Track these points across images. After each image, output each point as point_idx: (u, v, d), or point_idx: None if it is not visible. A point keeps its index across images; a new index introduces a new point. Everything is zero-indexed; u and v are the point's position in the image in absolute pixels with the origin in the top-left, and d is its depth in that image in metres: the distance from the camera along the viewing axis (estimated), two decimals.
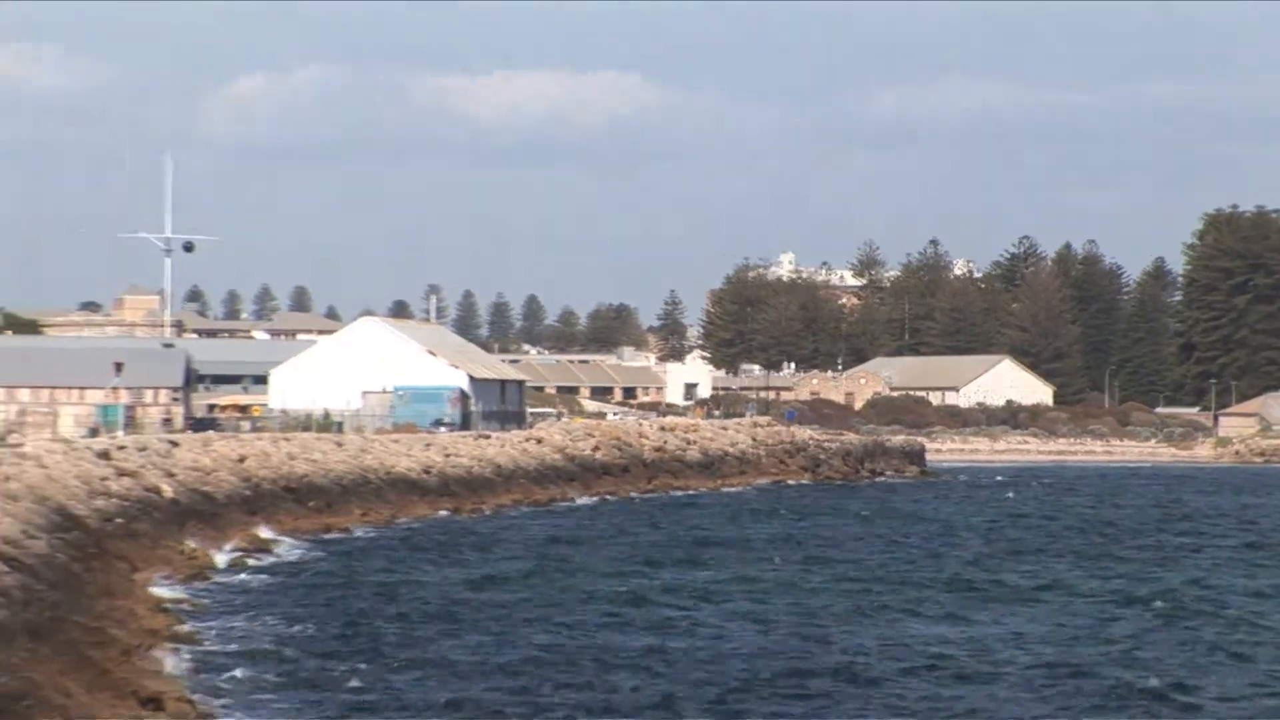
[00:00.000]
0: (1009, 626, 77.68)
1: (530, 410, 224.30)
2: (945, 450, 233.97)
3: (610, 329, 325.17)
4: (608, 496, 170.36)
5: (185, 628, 70.01)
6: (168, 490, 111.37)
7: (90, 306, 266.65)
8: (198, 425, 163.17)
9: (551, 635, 74.18)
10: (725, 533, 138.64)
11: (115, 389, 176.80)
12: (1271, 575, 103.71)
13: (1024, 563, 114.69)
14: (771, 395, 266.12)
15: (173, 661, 59.84)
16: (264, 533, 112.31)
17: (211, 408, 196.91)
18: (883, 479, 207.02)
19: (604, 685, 60.64)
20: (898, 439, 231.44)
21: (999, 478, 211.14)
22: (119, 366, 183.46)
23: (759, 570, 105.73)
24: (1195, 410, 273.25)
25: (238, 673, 58.98)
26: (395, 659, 65.11)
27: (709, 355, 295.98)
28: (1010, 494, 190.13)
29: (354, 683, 58.77)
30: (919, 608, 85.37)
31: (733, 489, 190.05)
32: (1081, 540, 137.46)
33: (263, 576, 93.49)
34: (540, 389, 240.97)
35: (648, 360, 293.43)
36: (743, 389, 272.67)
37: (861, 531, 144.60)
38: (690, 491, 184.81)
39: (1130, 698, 58.02)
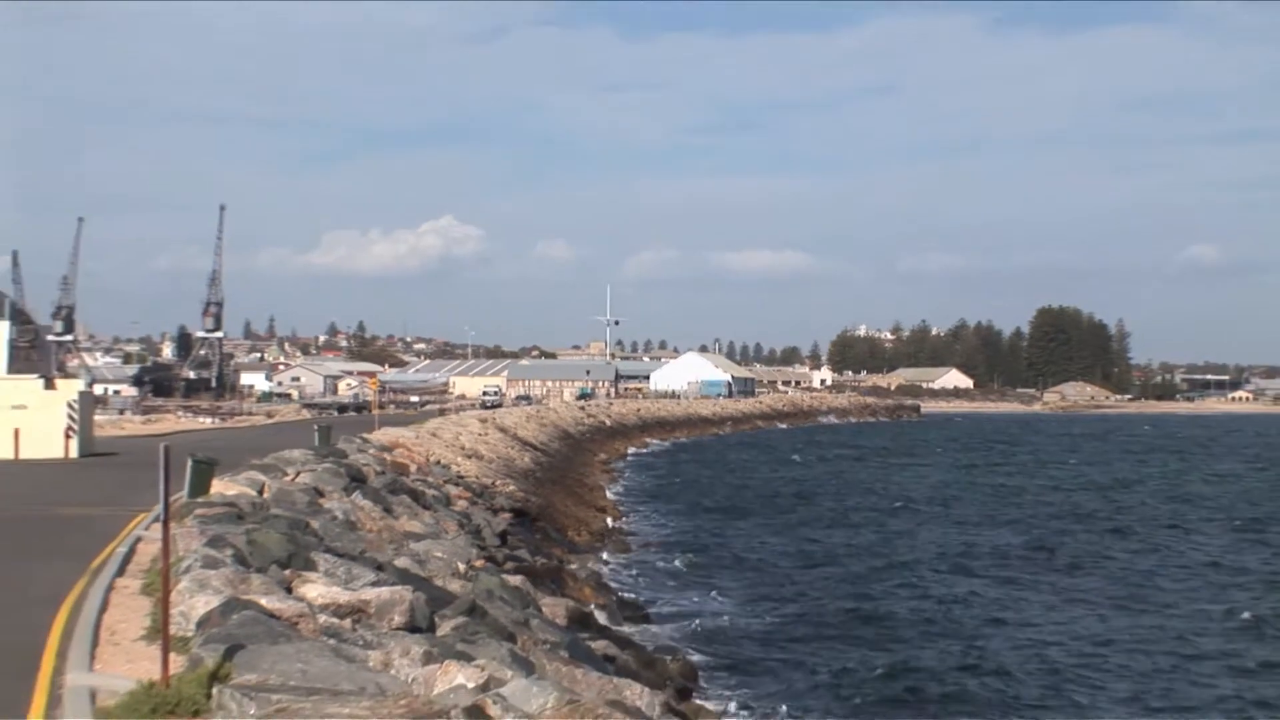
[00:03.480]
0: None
1: (757, 390, 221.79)
2: (929, 406, 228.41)
3: (789, 356, 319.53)
4: (791, 425, 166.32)
5: (615, 477, 71.30)
6: (608, 422, 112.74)
7: (576, 346, 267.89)
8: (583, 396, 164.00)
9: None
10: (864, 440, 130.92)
11: (587, 381, 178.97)
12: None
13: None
14: (857, 384, 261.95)
15: (609, 492, 61.21)
16: (647, 440, 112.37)
17: (624, 389, 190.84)
18: (904, 419, 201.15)
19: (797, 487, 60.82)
20: (909, 401, 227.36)
21: (966, 419, 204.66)
22: (588, 371, 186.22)
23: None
24: (1034, 390, 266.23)
25: (635, 500, 60.69)
26: (709, 474, 65.44)
27: (832, 367, 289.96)
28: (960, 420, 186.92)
29: (680, 502, 58.36)
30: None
31: (839, 422, 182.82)
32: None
33: (647, 457, 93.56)
34: (760, 381, 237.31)
35: (805, 369, 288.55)
36: (845, 381, 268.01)
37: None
38: (825, 424, 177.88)
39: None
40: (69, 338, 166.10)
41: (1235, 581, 35.76)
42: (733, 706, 21.01)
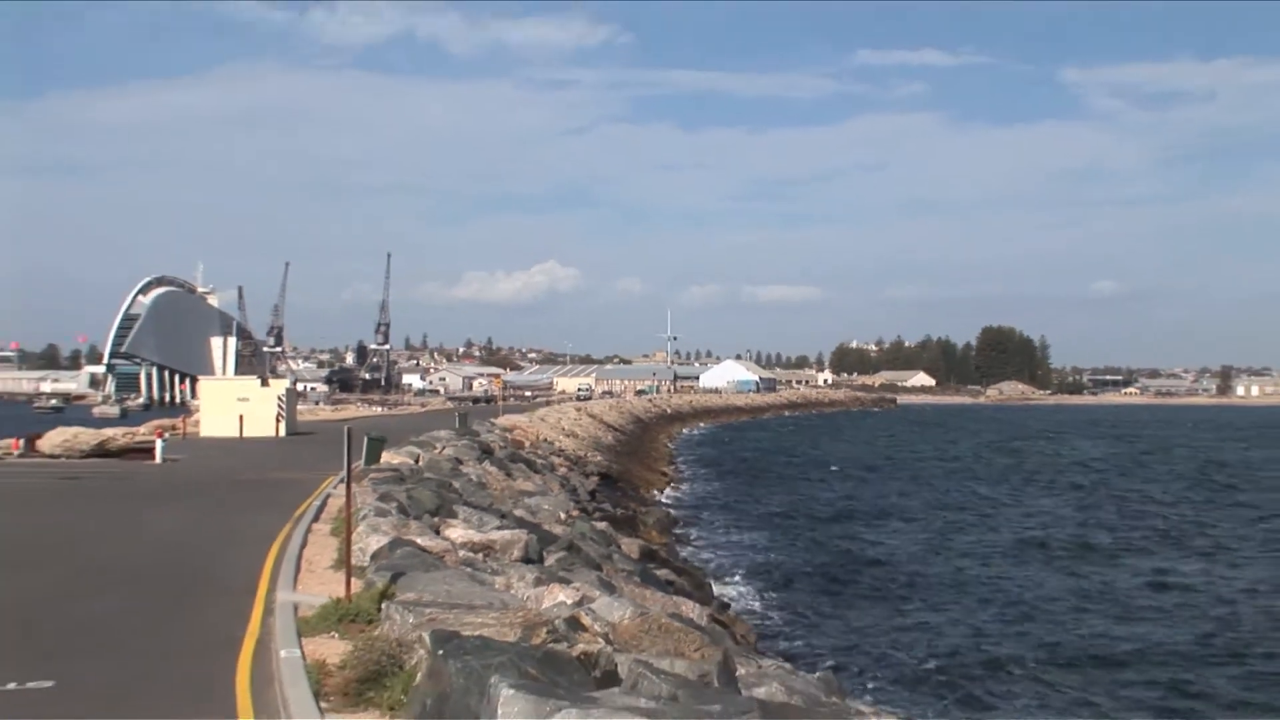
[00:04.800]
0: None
1: (778, 387, 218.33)
2: (903, 399, 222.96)
3: (801, 362, 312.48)
4: (800, 414, 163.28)
5: (673, 449, 70.50)
6: (669, 410, 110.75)
7: (645, 355, 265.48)
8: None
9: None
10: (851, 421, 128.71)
11: (653, 380, 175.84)
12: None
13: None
14: (851, 383, 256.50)
15: (669, 460, 60.48)
16: (699, 424, 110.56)
17: (680, 387, 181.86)
18: (881, 409, 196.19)
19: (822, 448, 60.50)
20: (889, 396, 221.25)
21: (926, 408, 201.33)
22: (654, 373, 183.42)
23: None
24: (980, 387, 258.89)
25: (686, 467, 59.44)
26: (738, 449, 64.43)
27: (832, 370, 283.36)
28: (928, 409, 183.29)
29: (725, 468, 57.56)
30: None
31: (838, 410, 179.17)
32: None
33: (696, 436, 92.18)
34: (779, 380, 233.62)
35: (813, 371, 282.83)
36: (842, 381, 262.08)
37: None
38: (826, 412, 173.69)
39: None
40: (278, 349, 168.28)
41: (1042, 517, 37.96)
42: (759, 615, 20.93)
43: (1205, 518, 37.73)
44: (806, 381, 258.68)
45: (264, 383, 45.66)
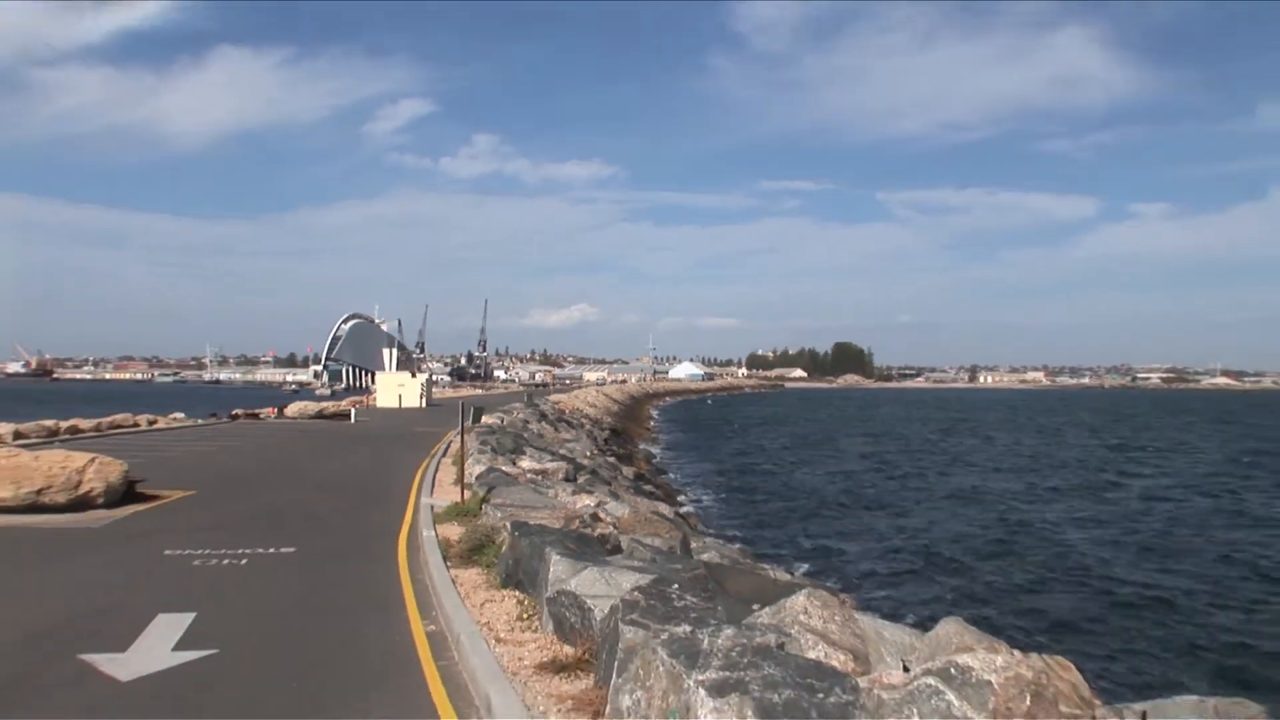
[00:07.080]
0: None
1: (715, 378, 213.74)
2: (789, 385, 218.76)
3: (728, 361, 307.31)
4: (727, 394, 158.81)
5: (653, 414, 69.02)
6: (650, 391, 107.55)
7: (636, 358, 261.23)
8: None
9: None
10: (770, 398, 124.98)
11: (641, 374, 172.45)
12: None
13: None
14: (758, 375, 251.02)
15: (652, 420, 59.27)
16: (667, 399, 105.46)
17: (657, 378, 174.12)
18: (774, 391, 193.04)
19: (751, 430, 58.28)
20: (781, 383, 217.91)
21: (801, 389, 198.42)
22: (642, 370, 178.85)
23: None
24: (833, 378, 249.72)
25: (664, 429, 58.43)
26: (693, 413, 63.12)
27: (747, 368, 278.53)
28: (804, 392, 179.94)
29: (691, 430, 56.13)
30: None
31: (750, 392, 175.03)
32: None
33: (668, 407, 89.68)
34: (716, 374, 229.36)
35: (736, 369, 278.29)
36: (753, 375, 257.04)
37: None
38: (745, 392, 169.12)
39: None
40: (421, 355, 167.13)
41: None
42: (704, 511, 20.77)
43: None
44: (732, 375, 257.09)
45: (413, 375, 45.68)
